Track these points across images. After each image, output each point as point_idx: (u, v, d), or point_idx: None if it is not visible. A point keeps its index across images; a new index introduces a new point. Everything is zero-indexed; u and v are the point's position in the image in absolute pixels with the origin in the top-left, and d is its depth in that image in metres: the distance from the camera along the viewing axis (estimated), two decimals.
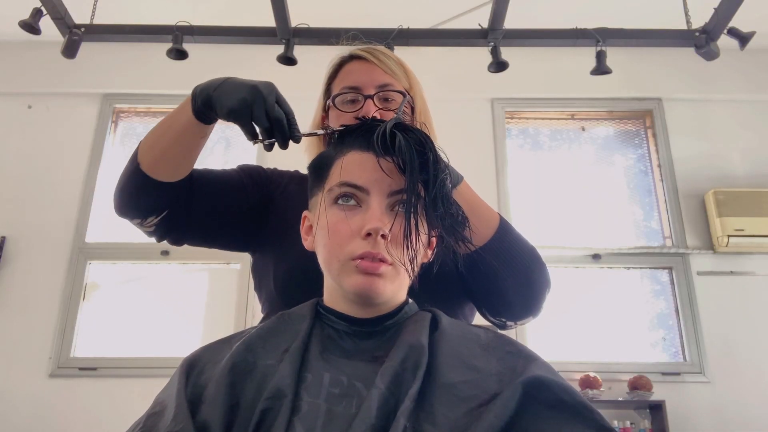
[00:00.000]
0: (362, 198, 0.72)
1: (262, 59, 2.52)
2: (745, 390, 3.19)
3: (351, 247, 0.70)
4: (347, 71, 1.04)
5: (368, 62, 1.03)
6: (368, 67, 1.02)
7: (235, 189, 1.02)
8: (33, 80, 3.80)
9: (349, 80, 1.02)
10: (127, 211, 0.96)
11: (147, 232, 0.99)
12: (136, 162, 0.93)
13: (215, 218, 1.00)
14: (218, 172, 1.04)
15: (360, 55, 1.04)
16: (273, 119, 0.80)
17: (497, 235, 0.90)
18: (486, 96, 3.82)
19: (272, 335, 0.72)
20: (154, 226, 0.97)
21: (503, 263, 0.89)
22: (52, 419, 3.11)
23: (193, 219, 0.98)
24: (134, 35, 2.61)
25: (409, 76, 1.05)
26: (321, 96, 1.09)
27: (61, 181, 3.61)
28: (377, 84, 1.00)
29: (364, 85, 1.00)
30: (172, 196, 0.95)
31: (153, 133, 0.93)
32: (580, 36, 2.49)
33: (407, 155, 0.70)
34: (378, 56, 1.03)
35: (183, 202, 0.96)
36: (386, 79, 1.01)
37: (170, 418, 0.62)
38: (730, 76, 3.75)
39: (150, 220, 0.96)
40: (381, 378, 0.63)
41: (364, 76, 1.01)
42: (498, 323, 0.96)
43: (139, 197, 0.94)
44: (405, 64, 1.07)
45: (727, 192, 3.47)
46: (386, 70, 1.02)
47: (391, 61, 1.04)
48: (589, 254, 3.50)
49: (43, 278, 3.41)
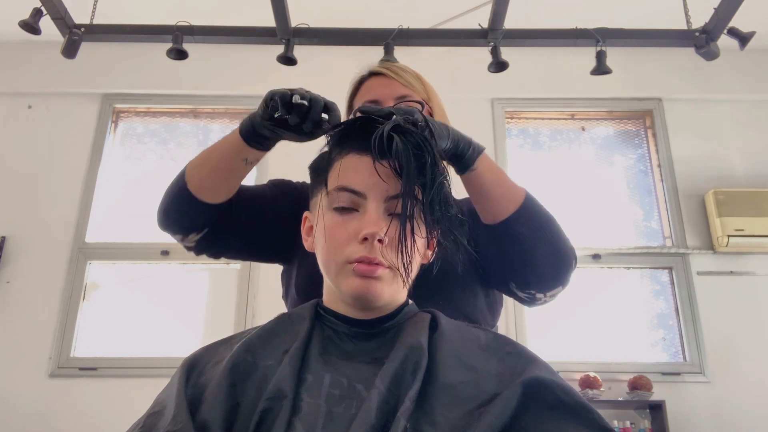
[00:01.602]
0: (359, 202, 0.72)
1: (262, 59, 2.52)
2: (745, 390, 3.19)
3: (348, 251, 0.71)
4: (367, 87, 1.11)
5: (386, 77, 1.09)
6: (387, 81, 1.08)
7: (270, 206, 1.06)
8: (33, 80, 3.80)
9: (370, 95, 1.08)
10: (170, 227, 1.00)
11: (187, 247, 1.03)
12: (183, 181, 0.96)
13: (253, 236, 1.04)
14: (253, 190, 1.07)
15: (378, 71, 1.10)
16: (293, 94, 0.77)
17: (526, 203, 0.91)
18: (486, 96, 3.82)
19: (272, 336, 0.73)
20: (194, 243, 1.01)
21: (533, 231, 0.90)
22: (52, 419, 3.11)
23: (232, 237, 1.02)
24: (134, 35, 2.60)
25: (426, 88, 1.10)
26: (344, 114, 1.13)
27: (61, 181, 3.61)
28: (396, 96, 1.06)
29: (383, 98, 1.06)
30: (214, 217, 0.98)
31: (201, 157, 0.96)
32: (580, 36, 2.49)
33: (404, 159, 0.69)
34: (395, 71, 1.09)
35: (224, 222, 1.00)
36: (404, 91, 1.07)
37: (170, 418, 0.62)
38: (730, 76, 3.75)
39: (191, 237, 1.00)
40: (381, 379, 0.63)
41: (383, 89, 1.07)
42: (526, 297, 0.95)
43: (183, 216, 0.98)
44: (422, 77, 1.11)
45: (727, 192, 3.47)
46: (404, 83, 1.07)
47: (408, 74, 1.09)
48: (589, 254, 3.50)
49: (43, 278, 3.41)
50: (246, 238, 1.04)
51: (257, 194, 1.06)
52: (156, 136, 3.85)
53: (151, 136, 3.86)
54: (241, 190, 1.03)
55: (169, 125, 3.86)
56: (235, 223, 1.01)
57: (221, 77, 3.72)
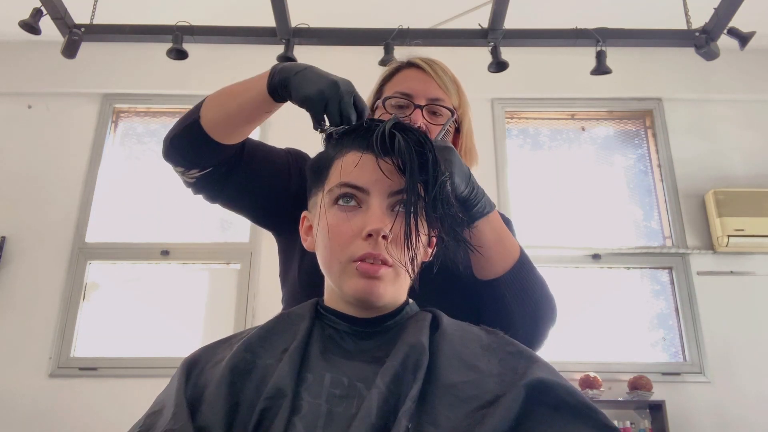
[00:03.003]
0: (362, 199, 0.72)
1: (262, 59, 2.50)
2: (745, 390, 3.19)
3: (352, 249, 0.70)
4: (404, 76, 1.08)
5: (425, 73, 1.06)
6: (424, 77, 1.05)
7: (280, 170, 1.03)
8: (33, 80, 3.80)
9: (404, 86, 1.05)
10: (174, 158, 0.98)
11: (185, 182, 1.00)
12: (198, 116, 0.93)
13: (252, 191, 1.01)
14: (268, 149, 1.05)
15: (418, 64, 1.08)
16: (345, 117, 0.80)
17: (515, 268, 0.90)
18: (486, 96, 3.82)
19: (271, 335, 0.72)
20: (194, 179, 0.98)
21: (515, 297, 0.89)
22: (52, 419, 3.11)
23: (231, 184, 0.99)
24: (134, 35, 2.60)
25: (460, 95, 1.07)
26: (372, 94, 1.12)
27: (61, 181, 3.61)
28: (429, 96, 1.04)
29: (417, 93, 1.04)
30: (220, 158, 0.96)
31: (221, 95, 0.94)
32: (580, 36, 2.49)
33: (407, 155, 0.70)
34: (436, 70, 1.06)
35: (228, 166, 0.97)
36: (439, 93, 1.04)
37: (169, 417, 0.62)
38: (730, 76, 3.75)
39: (193, 172, 0.97)
40: (381, 378, 0.63)
41: (419, 84, 1.04)
42: None
43: (189, 149, 0.95)
44: (459, 83, 1.09)
45: (727, 192, 3.47)
46: (440, 84, 1.05)
47: (447, 77, 1.07)
48: (589, 254, 3.50)
49: (43, 278, 3.41)
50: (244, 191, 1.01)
51: (270, 155, 1.04)
52: (156, 136, 3.85)
53: (151, 136, 3.86)
54: (256, 144, 1.02)
55: (169, 125, 3.84)
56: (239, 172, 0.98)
57: (221, 77, 3.70)
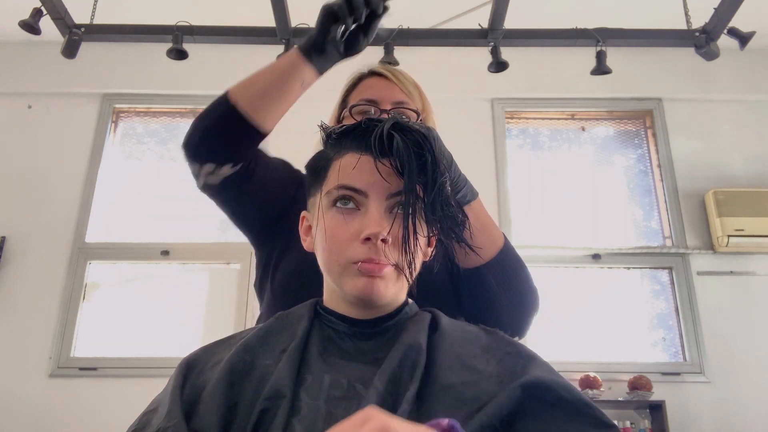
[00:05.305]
0: (361, 201, 0.72)
1: (262, 59, 2.51)
2: (745, 390, 3.19)
3: (350, 252, 0.70)
4: (367, 85, 1.12)
5: (387, 80, 1.10)
6: (387, 84, 1.10)
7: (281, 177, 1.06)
8: (33, 80, 3.80)
9: (368, 94, 1.09)
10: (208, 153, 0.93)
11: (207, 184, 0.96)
12: (229, 104, 0.92)
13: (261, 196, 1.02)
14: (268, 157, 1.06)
15: (380, 72, 1.12)
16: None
17: (499, 255, 0.91)
18: (486, 96, 3.82)
19: (270, 335, 0.72)
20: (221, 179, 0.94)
21: (500, 283, 0.90)
22: (52, 419, 3.11)
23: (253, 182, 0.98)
24: (134, 35, 2.61)
25: (422, 98, 1.12)
26: (336, 106, 1.16)
27: (61, 181, 3.61)
28: (393, 101, 1.08)
29: (381, 99, 1.08)
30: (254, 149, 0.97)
31: (249, 79, 0.95)
32: (580, 36, 2.49)
33: (405, 157, 0.69)
34: (397, 75, 1.11)
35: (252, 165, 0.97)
36: (402, 97, 1.08)
37: (163, 415, 0.62)
38: (730, 76, 3.75)
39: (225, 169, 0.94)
40: (379, 378, 0.63)
41: (383, 91, 1.09)
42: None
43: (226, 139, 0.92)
44: (420, 87, 1.13)
45: (727, 192, 3.47)
46: (403, 89, 1.09)
47: (408, 82, 1.11)
48: (589, 254, 3.50)
49: (43, 278, 3.41)
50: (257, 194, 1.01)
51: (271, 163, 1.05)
52: (156, 136, 3.86)
53: (151, 136, 3.86)
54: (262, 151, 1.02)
55: (169, 125, 3.86)
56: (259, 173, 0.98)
57: (221, 77, 3.70)
